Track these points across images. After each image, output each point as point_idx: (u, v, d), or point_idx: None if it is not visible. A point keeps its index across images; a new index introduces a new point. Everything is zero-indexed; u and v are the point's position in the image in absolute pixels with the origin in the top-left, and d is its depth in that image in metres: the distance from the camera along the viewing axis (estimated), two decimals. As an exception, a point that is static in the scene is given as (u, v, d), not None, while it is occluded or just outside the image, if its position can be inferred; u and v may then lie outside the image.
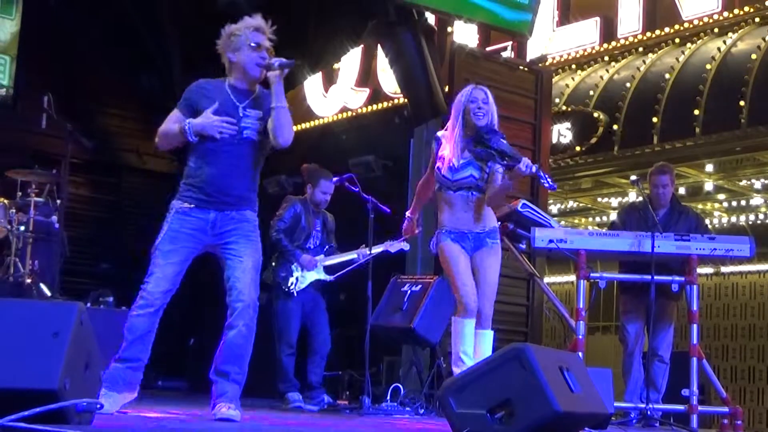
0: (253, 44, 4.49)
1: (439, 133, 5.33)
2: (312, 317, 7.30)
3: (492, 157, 5.05)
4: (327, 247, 7.41)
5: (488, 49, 11.17)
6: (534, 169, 4.90)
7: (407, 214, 5.60)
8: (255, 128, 4.54)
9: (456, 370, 4.99)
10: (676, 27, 10.65)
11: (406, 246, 7.28)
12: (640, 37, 10.98)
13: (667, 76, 10.00)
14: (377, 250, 7.11)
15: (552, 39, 11.63)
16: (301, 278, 7.20)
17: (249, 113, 4.53)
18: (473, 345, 5.12)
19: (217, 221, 4.51)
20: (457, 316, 5.16)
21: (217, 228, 4.51)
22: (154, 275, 4.45)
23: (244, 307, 4.43)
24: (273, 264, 7.27)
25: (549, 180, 4.96)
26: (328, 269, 7.34)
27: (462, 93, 5.29)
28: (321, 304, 7.36)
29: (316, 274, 7.27)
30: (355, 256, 7.28)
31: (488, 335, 5.17)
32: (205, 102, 4.50)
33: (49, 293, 7.78)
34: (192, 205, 4.51)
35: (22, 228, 8.14)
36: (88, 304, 7.77)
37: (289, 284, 7.16)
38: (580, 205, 12.73)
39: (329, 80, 13.18)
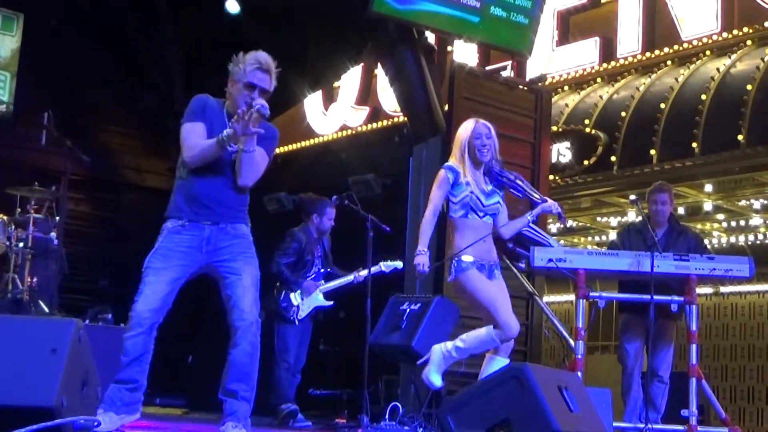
0: (246, 82, 4.45)
1: (452, 164, 5.20)
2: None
3: (521, 192, 5.36)
4: (326, 273, 7.55)
5: (488, 68, 11.19)
6: (558, 208, 5.37)
7: (421, 248, 5.16)
8: None
9: (457, 346, 5.14)
10: (676, 47, 10.68)
11: (399, 264, 7.41)
12: (639, 57, 11.01)
13: (666, 96, 10.02)
14: (372, 270, 7.18)
15: (551, 58, 11.66)
16: (303, 307, 7.36)
17: None
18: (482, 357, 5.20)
19: (212, 237, 4.46)
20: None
21: (213, 244, 4.46)
22: (143, 293, 4.38)
23: (247, 326, 4.40)
24: (275, 291, 7.39)
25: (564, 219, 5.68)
26: (326, 294, 7.52)
27: (465, 128, 5.23)
28: (309, 329, 7.59)
29: (317, 301, 7.46)
30: (352, 278, 7.47)
31: (505, 363, 5.16)
32: (206, 112, 4.49)
33: (47, 310, 7.76)
34: (185, 222, 4.47)
35: (21, 244, 8.13)
36: (87, 321, 7.75)
37: (290, 314, 7.35)
38: (580, 224, 12.71)
39: (329, 98, 13.22)
